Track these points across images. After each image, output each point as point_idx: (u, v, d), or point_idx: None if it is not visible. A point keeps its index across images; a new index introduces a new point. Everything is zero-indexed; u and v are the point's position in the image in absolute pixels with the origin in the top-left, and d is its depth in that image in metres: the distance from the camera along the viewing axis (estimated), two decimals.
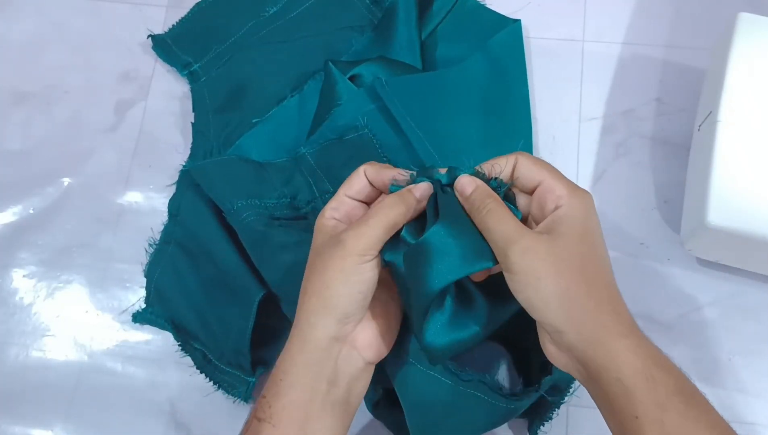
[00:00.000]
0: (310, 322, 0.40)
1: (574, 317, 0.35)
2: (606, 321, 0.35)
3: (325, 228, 0.41)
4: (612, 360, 0.34)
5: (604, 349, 0.35)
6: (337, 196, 0.42)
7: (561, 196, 0.38)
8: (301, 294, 0.41)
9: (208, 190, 0.55)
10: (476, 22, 0.61)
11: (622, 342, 0.35)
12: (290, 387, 0.39)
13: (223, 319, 0.53)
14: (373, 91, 0.54)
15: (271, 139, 0.58)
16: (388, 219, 0.39)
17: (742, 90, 0.49)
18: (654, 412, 0.33)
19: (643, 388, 0.34)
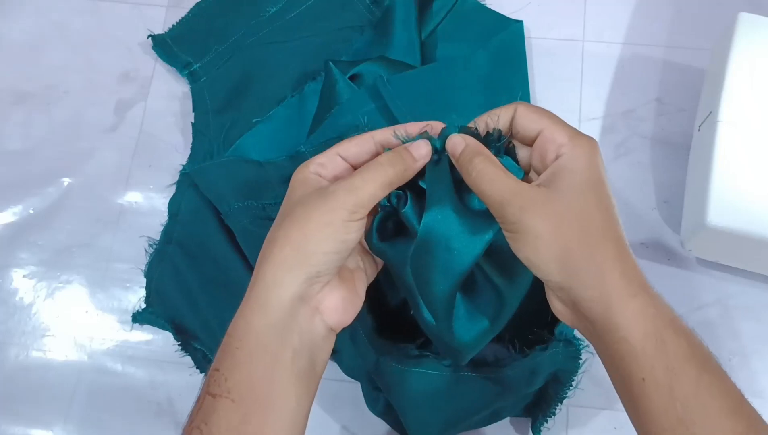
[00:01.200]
0: (276, 278, 0.35)
1: (578, 276, 0.33)
2: (612, 279, 0.33)
3: (308, 181, 0.38)
4: (619, 320, 0.32)
5: (611, 309, 0.32)
6: (328, 153, 0.39)
7: (562, 144, 0.35)
8: (267, 244, 0.37)
9: (206, 192, 0.55)
10: (476, 21, 0.61)
11: (631, 302, 0.32)
12: (249, 356, 0.35)
13: (223, 319, 0.53)
14: (373, 89, 0.54)
15: (271, 138, 0.58)
16: (384, 177, 0.36)
17: (742, 90, 0.49)
18: (663, 376, 0.31)
19: (652, 350, 0.32)
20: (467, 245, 0.36)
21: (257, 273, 0.36)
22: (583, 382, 0.51)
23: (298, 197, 0.37)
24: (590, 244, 0.33)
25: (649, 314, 0.32)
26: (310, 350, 0.36)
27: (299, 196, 0.37)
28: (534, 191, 0.34)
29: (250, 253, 0.53)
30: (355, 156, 0.39)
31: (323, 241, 0.35)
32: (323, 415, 0.52)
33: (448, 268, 0.37)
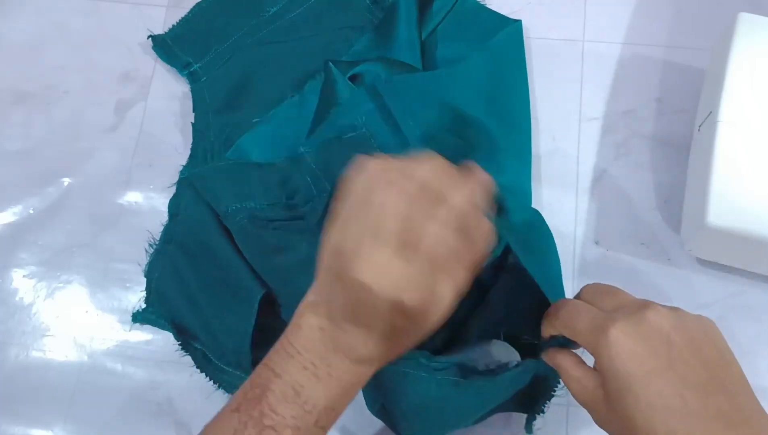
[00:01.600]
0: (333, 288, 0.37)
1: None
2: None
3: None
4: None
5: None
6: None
7: (592, 354, 0.36)
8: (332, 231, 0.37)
9: (206, 195, 0.56)
10: (476, 21, 0.61)
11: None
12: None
13: (223, 319, 0.53)
14: (373, 90, 0.54)
15: (271, 138, 0.58)
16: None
17: (742, 90, 0.49)
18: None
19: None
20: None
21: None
22: None
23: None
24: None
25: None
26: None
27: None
28: (597, 402, 0.35)
29: (248, 252, 0.53)
30: None
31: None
32: None
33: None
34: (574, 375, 0.37)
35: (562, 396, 0.51)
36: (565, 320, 0.38)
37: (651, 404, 0.32)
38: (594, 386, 0.36)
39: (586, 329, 0.36)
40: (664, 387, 0.32)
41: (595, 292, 0.39)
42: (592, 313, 0.36)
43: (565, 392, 0.48)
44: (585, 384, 0.37)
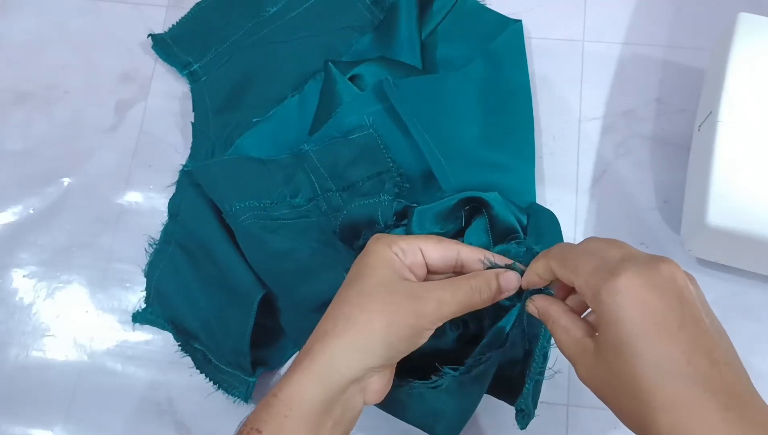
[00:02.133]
0: (344, 359, 0.36)
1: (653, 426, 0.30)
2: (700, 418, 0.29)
3: (392, 263, 0.38)
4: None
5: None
6: (410, 241, 0.39)
7: (589, 301, 0.32)
8: (342, 316, 0.37)
9: (209, 190, 0.55)
10: (476, 22, 0.61)
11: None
12: (297, 427, 0.36)
13: (223, 319, 0.53)
14: (379, 91, 0.54)
15: (271, 138, 0.58)
16: (471, 301, 0.38)
17: (742, 90, 0.49)
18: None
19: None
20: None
21: (326, 344, 0.37)
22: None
23: (383, 279, 0.38)
24: (646, 400, 0.30)
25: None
26: (348, 422, 0.38)
27: (384, 279, 0.38)
28: (592, 353, 0.33)
29: (249, 254, 0.53)
30: (434, 260, 0.40)
31: (401, 341, 0.37)
32: None
33: None
34: (563, 324, 0.35)
35: (561, 396, 0.51)
36: (565, 258, 0.35)
37: (656, 365, 0.29)
38: (582, 336, 0.34)
39: (591, 270, 0.32)
40: (673, 348, 0.29)
41: (599, 242, 0.35)
42: (597, 257, 0.33)
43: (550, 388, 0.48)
44: (573, 334, 0.34)
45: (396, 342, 0.37)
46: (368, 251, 0.40)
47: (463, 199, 0.48)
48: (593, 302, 0.32)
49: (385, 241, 0.40)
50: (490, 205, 0.46)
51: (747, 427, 0.28)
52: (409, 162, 0.53)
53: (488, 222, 0.46)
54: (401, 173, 0.52)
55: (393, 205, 0.50)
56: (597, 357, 0.32)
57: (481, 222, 0.46)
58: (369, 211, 0.50)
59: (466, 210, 0.48)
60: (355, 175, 0.53)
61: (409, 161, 0.53)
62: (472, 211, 0.48)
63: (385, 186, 0.52)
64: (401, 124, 0.53)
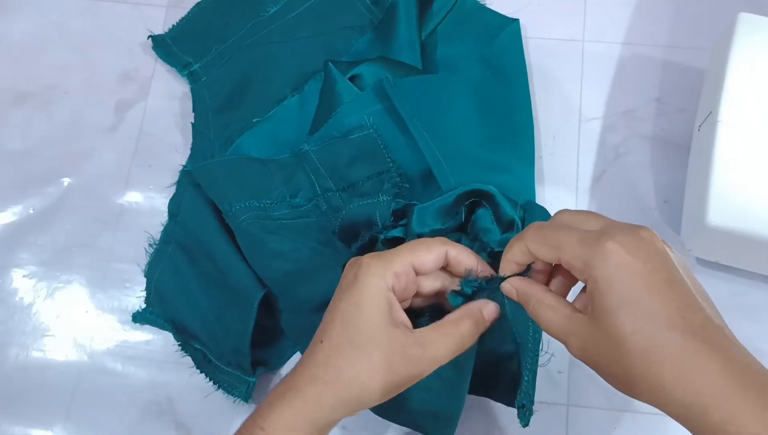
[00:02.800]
0: (335, 408, 0.37)
1: (651, 392, 0.31)
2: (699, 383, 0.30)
3: (384, 303, 0.38)
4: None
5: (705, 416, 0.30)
6: (405, 258, 0.39)
7: (583, 268, 0.33)
8: (332, 369, 0.37)
9: (208, 190, 0.55)
10: (476, 22, 0.61)
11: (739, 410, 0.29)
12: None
13: (223, 319, 0.53)
14: (380, 90, 0.54)
15: (272, 138, 0.58)
16: (461, 345, 0.39)
17: (742, 90, 0.49)
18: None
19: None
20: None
21: (313, 383, 0.37)
22: (582, 382, 0.51)
23: (376, 330, 0.37)
24: (646, 363, 0.31)
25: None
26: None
27: (377, 329, 0.37)
28: (583, 324, 0.34)
29: (249, 254, 0.53)
30: (426, 269, 0.40)
31: (393, 393, 0.38)
32: None
33: None
34: (548, 302, 0.35)
35: (561, 396, 0.51)
36: (544, 237, 0.35)
37: (654, 321, 0.30)
38: (571, 311, 0.34)
39: (576, 242, 0.33)
40: (667, 305, 0.31)
41: (573, 215, 0.36)
42: (578, 230, 0.34)
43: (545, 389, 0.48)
44: (561, 311, 0.35)
45: (388, 394, 0.38)
46: (360, 283, 0.38)
47: (462, 194, 0.47)
48: (585, 272, 0.33)
49: (377, 270, 0.38)
50: (492, 195, 0.46)
51: (747, 376, 0.30)
52: (408, 162, 0.53)
53: (493, 213, 0.46)
54: (401, 173, 0.52)
55: (391, 206, 0.50)
56: (592, 326, 0.33)
57: (487, 213, 0.46)
58: (367, 212, 0.50)
59: (466, 205, 0.48)
60: (355, 174, 0.53)
61: (408, 161, 0.53)
62: (472, 205, 0.48)
63: (384, 186, 0.52)
64: (401, 123, 0.53)
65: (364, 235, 0.50)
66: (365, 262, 0.39)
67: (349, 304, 0.38)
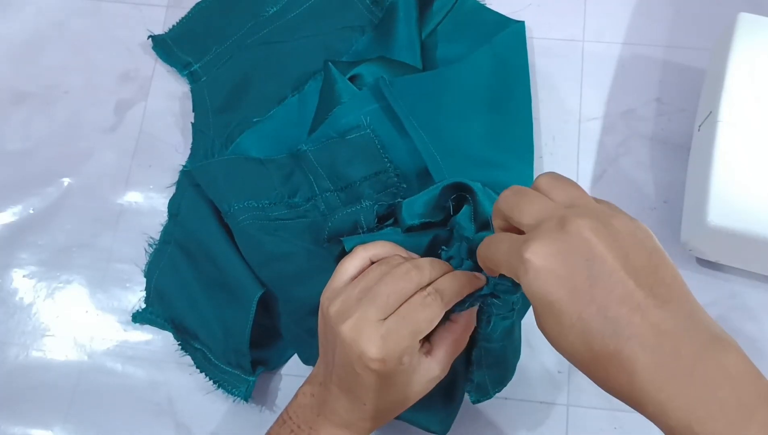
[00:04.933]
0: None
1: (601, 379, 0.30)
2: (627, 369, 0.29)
3: (406, 370, 0.40)
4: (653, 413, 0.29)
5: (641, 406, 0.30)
6: (413, 343, 0.39)
7: (516, 274, 0.32)
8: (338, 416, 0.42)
9: (208, 190, 0.55)
10: (476, 21, 0.61)
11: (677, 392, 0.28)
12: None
13: (223, 319, 0.53)
14: (376, 90, 0.54)
15: (272, 137, 0.58)
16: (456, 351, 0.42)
17: (742, 90, 0.49)
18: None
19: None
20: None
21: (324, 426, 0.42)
22: (582, 381, 0.51)
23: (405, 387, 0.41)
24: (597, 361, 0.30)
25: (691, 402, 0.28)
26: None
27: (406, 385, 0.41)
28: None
29: (247, 255, 0.53)
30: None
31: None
32: None
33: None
34: (501, 237, 0.35)
35: (561, 396, 0.51)
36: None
37: (572, 326, 0.30)
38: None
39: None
40: (586, 307, 0.29)
41: (550, 182, 0.36)
42: (509, 239, 0.34)
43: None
44: (514, 242, 0.33)
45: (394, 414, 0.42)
46: (381, 373, 0.38)
47: (448, 187, 0.47)
48: (518, 274, 0.32)
49: (392, 359, 0.38)
50: (474, 191, 0.46)
51: (675, 367, 0.28)
52: (406, 161, 0.53)
53: (473, 209, 0.46)
54: (398, 173, 0.52)
55: (374, 209, 0.50)
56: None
57: (467, 210, 0.46)
58: (352, 220, 0.51)
59: (453, 199, 0.48)
60: (352, 174, 0.53)
61: (406, 160, 0.53)
62: (459, 199, 0.48)
63: (376, 197, 0.52)
64: (398, 122, 0.53)
65: (345, 239, 0.50)
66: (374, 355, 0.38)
67: (338, 354, 0.40)
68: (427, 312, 0.39)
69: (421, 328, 0.39)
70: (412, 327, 0.38)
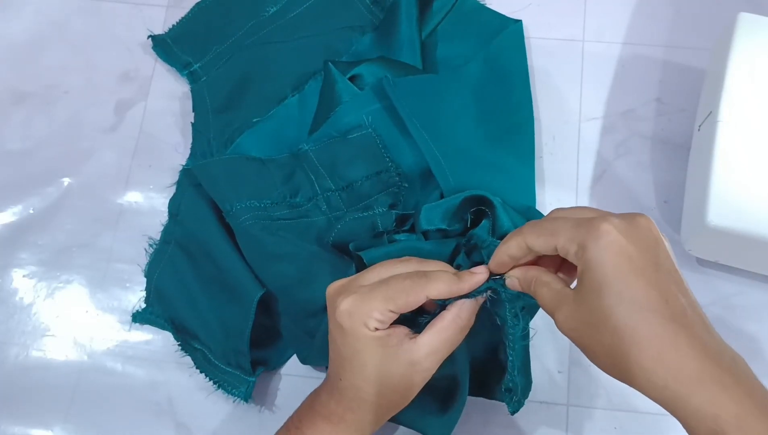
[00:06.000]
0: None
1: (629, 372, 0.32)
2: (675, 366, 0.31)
3: (376, 342, 0.40)
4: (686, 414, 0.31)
5: (676, 400, 0.31)
6: (381, 308, 0.39)
7: (575, 252, 0.34)
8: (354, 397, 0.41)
9: (209, 189, 0.55)
10: (476, 21, 0.61)
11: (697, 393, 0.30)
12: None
13: (223, 319, 0.53)
14: (379, 90, 0.54)
15: (272, 137, 0.58)
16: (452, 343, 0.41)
17: (742, 90, 0.49)
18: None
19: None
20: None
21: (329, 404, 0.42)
22: (582, 381, 0.51)
23: (379, 369, 0.40)
24: (631, 339, 0.32)
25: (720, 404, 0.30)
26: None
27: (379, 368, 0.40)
28: (571, 301, 0.35)
29: (248, 255, 0.53)
30: (406, 308, 0.40)
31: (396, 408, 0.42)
32: None
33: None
34: (544, 280, 0.37)
35: (561, 396, 0.51)
36: (540, 227, 0.37)
37: (638, 303, 0.32)
38: (562, 286, 0.36)
39: (571, 227, 0.35)
40: (652, 289, 0.32)
41: (568, 210, 0.38)
42: (573, 219, 0.36)
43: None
44: (554, 286, 0.36)
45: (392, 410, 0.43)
46: (349, 333, 0.40)
47: (468, 199, 0.47)
48: (577, 253, 0.34)
49: (359, 318, 0.39)
50: (494, 205, 0.46)
51: (723, 362, 0.31)
52: (407, 161, 0.53)
53: (492, 224, 0.46)
54: (400, 172, 0.52)
55: (393, 214, 0.50)
56: (576, 302, 0.34)
57: (486, 223, 0.46)
58: (364, 225, 0.51)
59: (472, 212, 0.48)
60: (354, 174, 0.53)
61: (407, 160, 0.53)
62: (477, 213, 0.48)
63: (377, 197, 0.52)
64: (400, 122, 0.53)
65: (366, 237, 0.50)
66: (344, 308, 0.40)
67: (345, 348, 0.40)
68: (406, 284, 0.39)
69: (394, 295, 0.39)
70: (386, 293, 0.39)
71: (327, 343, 0.46)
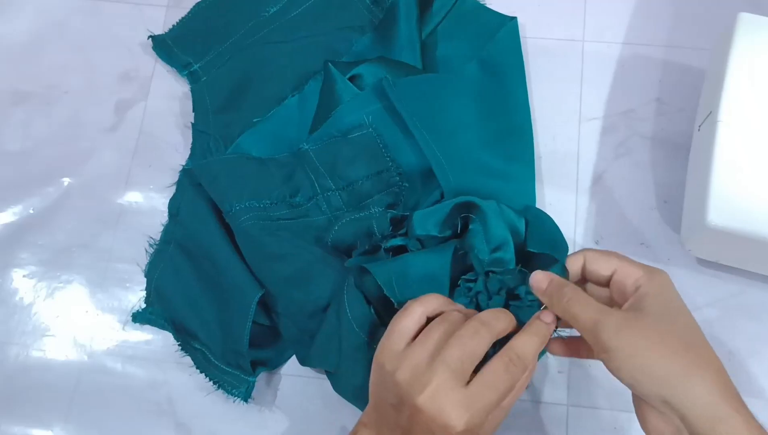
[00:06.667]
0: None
1: (683, 390, 0.35)
2: (715, 392, 0.35)
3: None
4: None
5: (719, 424, 0.34)
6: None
7: (638, 277, 0.39)
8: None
9: (209, 189, 0.55)
10: (476, 21, 0.61)
11: (734, 418, 0.35)
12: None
13: (223, 319, 0.53)
14: (379, 89, 0.54)
15: (272, 138, 0.58)
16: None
17: (742, 90, 0.49)
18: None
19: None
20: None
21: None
22: (582, 381, 0.51)
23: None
24: (690, 358, 0.36)
25: (752, 428, 0.35)
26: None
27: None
28: (623, 313, 0.38)
29: (248, 256, 0.53)
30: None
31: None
32: (323, 415, 0.52)
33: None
34: (584, 297, 0.40)
35: (561, 396, 0.51)
36: (607, 253, 0.41)
37: (691, 330, 0.38)
38: (603, 305, 0.39)
39: (630, 262, 0.41)
40: (692, 320, 0.39)
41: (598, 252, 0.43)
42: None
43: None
44: (594, 304, 0.39)
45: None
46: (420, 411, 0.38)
47: (459, 205, 0.48)
48: (635, 285, 0.39)
49: (432, 398, 0.38)
50: (484, 212, 0.46)
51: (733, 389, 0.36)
52: (408, 161, 0.53)
53: (483, 231, 0.47)
54: (400, 172, 0.52)
55: (387, 216, 0.50)
56: (628, 315, 0.38)
57: (478, 229, 0.47)
58: (363, 225, 0.51)
59: (462, 217, 0.48)
60: (354, 174, 0.53)
61: (408, 160, 0.53)
62: (467, 218, 0.48)
63: (378, 196, 0.52)
64: (400, 122, 0.53)
65: (363, 242, 0.50)
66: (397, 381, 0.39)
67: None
68: (510, 379, 0.39)
69: (503, 395, 0.38)
70: (496, 396, 0.38)
71: (327, 343, 0.46)
